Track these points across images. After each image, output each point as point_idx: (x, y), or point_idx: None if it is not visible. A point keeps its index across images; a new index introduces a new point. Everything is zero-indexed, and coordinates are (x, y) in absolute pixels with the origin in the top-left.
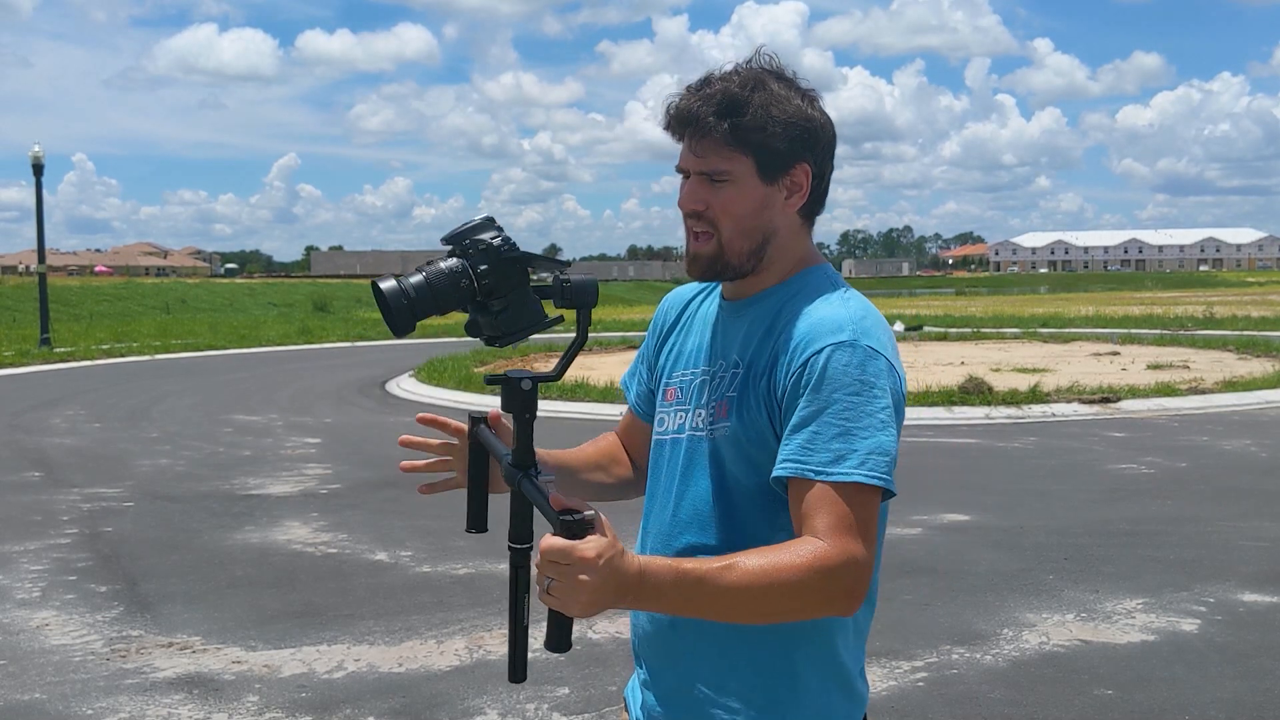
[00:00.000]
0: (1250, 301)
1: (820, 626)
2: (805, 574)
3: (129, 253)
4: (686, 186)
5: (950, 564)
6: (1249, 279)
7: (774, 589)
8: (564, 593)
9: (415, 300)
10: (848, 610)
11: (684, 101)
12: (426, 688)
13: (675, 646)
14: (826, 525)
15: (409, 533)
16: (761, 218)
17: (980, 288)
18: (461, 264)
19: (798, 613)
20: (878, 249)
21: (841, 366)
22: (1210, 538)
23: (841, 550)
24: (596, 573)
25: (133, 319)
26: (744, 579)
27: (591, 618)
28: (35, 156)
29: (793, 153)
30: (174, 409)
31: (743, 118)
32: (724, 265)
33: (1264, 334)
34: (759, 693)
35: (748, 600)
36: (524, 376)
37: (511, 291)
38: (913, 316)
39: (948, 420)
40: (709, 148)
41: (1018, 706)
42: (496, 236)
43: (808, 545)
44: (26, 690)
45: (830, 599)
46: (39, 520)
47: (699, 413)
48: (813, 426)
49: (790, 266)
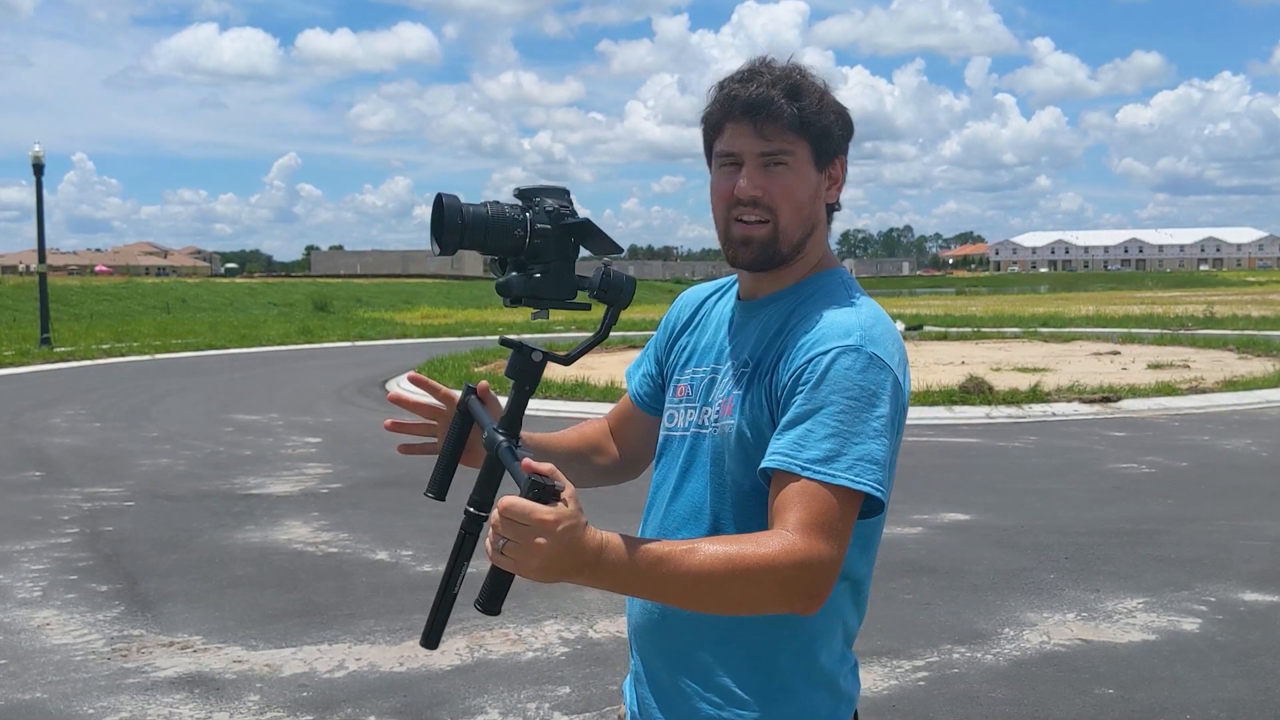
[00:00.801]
0: (1250, 301)
1: (804, 630)
2: (768, 567)
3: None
4: (746, 171)
5: (951, 563)
6: (1249, 278)
7: (734, 577)
8: (517, 554)
9: (468, 225)
10: (807, 609)
11: (746, 90)
12: (427, 687)
13: (666, 637)
14: (800, 521)
15: (410, 532)
16: (813, 206)
17: (980, 287)
18: (524, 215)
19: (756, 604)
20: (878, 248)
21: (844, 370)
22: (1211, 537)
23: (809, 548)
24: (553, 538)
25: (133, 319)
26: (705, 564)
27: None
28: (35, 156)
29: (839, 143)
30: (174, 408)
31: (806, 101)
32: (775, 250)
33: (1264, 333)
34: (744, 689)
35: (707, 586)
36: (538, 349)
37: (555, 260)
38: (913, 316)
39: (948, 420)
40: (777, 131)
41: (1019, 705)
42: (565, 205)
43: (776, 539)
44: (28, 689)
45: (790, 596)
46: (39, 520)
47: (706, 410)
48: (807, 424)
49: (809, 268)
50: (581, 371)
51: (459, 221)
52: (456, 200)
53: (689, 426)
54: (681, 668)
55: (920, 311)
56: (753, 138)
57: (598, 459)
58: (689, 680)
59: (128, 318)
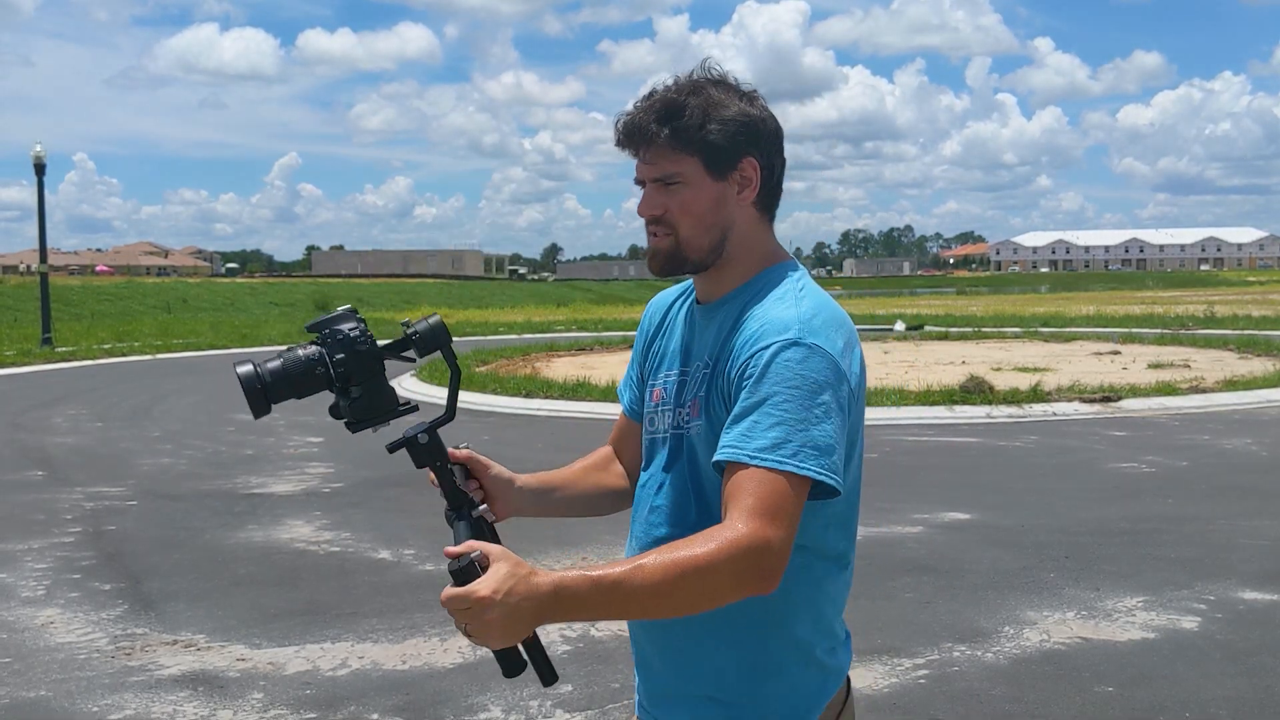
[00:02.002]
0: (1251, 301)
1: (788, 611)
2: (712, 561)
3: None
4: (645, 194)
5: (951, 562)
6: (1250, 278)
7: (684, 580)
8: (479, 632)
9: (270, 385)
10: (762, 588)
11: (628, 117)
12: (430, 685)
13: (657, 627)
14: (748, 508)
15: (411, 531)
16: (719, 214)
17: (981, 287)
18: (319, 352)
19: (717, 597)
20: (878, 248)
21: (783, 363)
22: (1211, 536)
23: (753, 532)
24: (499, 607)
25: (134, 318)
26: (655, 574)
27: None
28: (37, 156)
29: (736, 148)
30: (176, 408)
31: (681, 120)
32: (682, 259)
33: (1264, 333)
34: (734, 672)
35: (665, 594)
36: (419, 431)
37: (366, 380)
38: (914, 316)
39: (949, 419)
40: (657, 154)
41: (1019, 704)
42: (355, 328)
43: (715, 533)
44: (32, 687)
45: (740, 580)
46: (42, 519)
47: (680, 412)
48: (753, 416)
49: (754, 266)
50: (582, 372)
51: (258, 386)
52: (250, 368)
53: (668, 429)
54: (673, 656)
55: (921, 311)
56: (641, 164)
57: (606, 481)
58: (682, 667)
59: (129, 317)
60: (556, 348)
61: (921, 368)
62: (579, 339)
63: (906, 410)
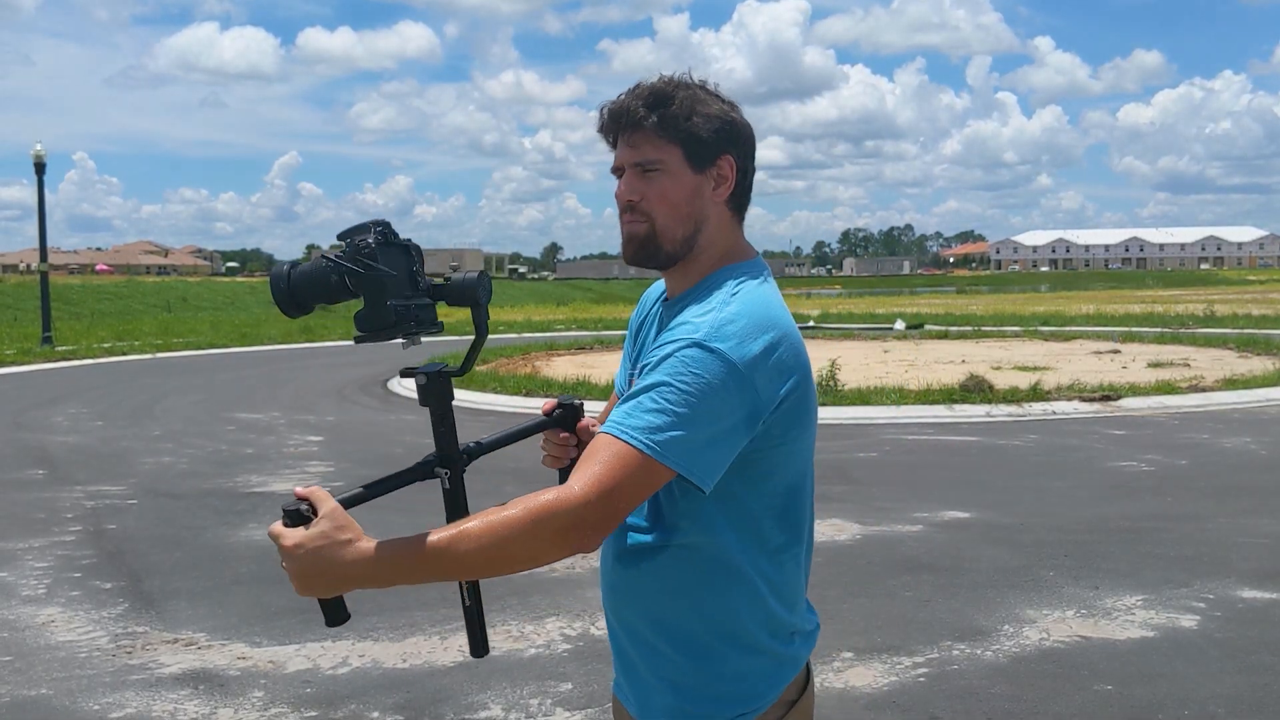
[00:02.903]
0: (1251, 300)
1: (718, 597)
2: (518, 524)
3: (130, 251)
4: (624, 179)
5: (951, 561)
6: (1250, 277)
7: (500, 542)
8: (288, 576)
9: (295, 287)
10: (564, 549)
11: (615, 102)
12: (430, 683)
13: (613, 599)
14: (590, 473)
15: (412, 530)
16: (693, 205)
17: (981, 286)
18: (336, 260)
19: (527, 556)
20: (879, 247)
21: (680, 359)
22: (1210, 535)
23: (570, 494)
24: (296, 560)
25: (134, 317)
26: (464, 535)
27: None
28: (37, 155)
29: (717, 144)
30: (176, 407)
31: (669, 108)
32: (655, 248)
33: (1264, 332)
34: (671, 649)
35: (484, 556)
36: (426, 371)
37: (371, 294)
38: (914, 315)
39: (949, 418)
40: (641, 139)
41: (1018, 702)
42: (366, 241)
43: (528, 499)
44: (33, 686)
45: (541, 540)
46: (43, 518)
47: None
48: (637, 398)
49: (712, 264)
50: (582, 371)
51: (283, 286)
52: (282, 270)
53: None
54: (625, 628)
55: (921, 310)
56: (624, 148)
57: None
58: (630, 639)
59: (129, 316)
60: (556, 347)
61: (921, 367)
62: (579, 338)
63: (906, 409)
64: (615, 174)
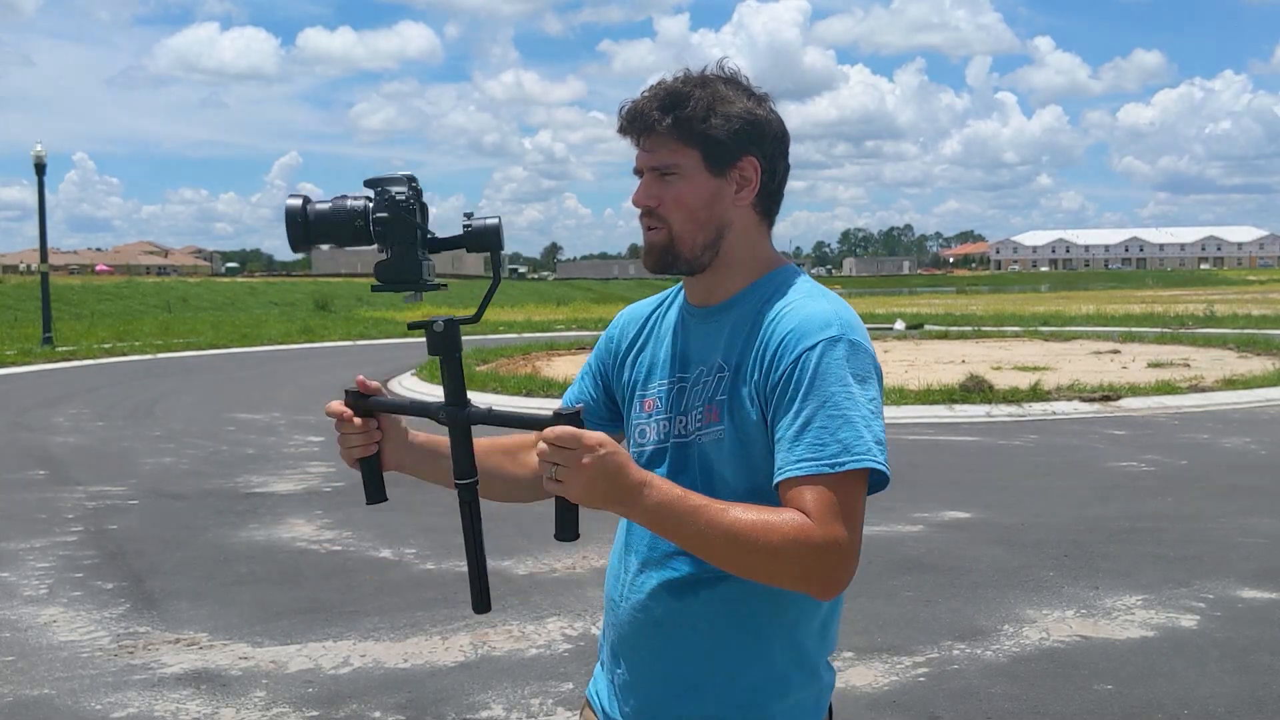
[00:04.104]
0: (1251, 300)
1: (790, 618)
2: (788, 542)
3: (130, 251)
4: (642, 184)
5: (951, 561)
6: (1250, 277)
7: (758, 544)
8: (566, 476)
9: (311, 224)
10: (824, 593)
11: (633, 103)
12: (432, 683)
13: (655, 647)
14: (816, 510)
15: (413, 530)
16: (713, 210)
17: (981, 286)
18: (364, 205)
19: (772, 575)
20: (879, 247)
21: (836, 361)
22: (1210, 534)
23: (826, 533)
24: (596, 457)
25: (134, 318)
26: (736, 524)
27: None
28: (37, 155)
29: (738, 145)
30: (177, 407)
31: (684, 110)
32: (675, 255)
33: (1264, 332)
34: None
35: (732, 545)
36: (437, 319)
37: (397, 245)
38: (913, 315)
39: (949, 418)
40: (657, 143)
41: (1018, 701)
42: (404, 193)
43: (798, 517)
44: (36, 686)
45: (806, 575)
46: (44, 518)
47: (681, 420)
48: (817, 423)
49: (759, 268)
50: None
51: (299, 219)
52: (298, 204)
53: (665, 438)
54: (670, 671)
55: (921, 310)
56: (641, 151)
57: (508, 467)
58: (679, 687)
59: (129, 317)
60: (556, 347)
61: (921, 367)
62: (579, 338)
63: (906, 409)
64: (637, 175)
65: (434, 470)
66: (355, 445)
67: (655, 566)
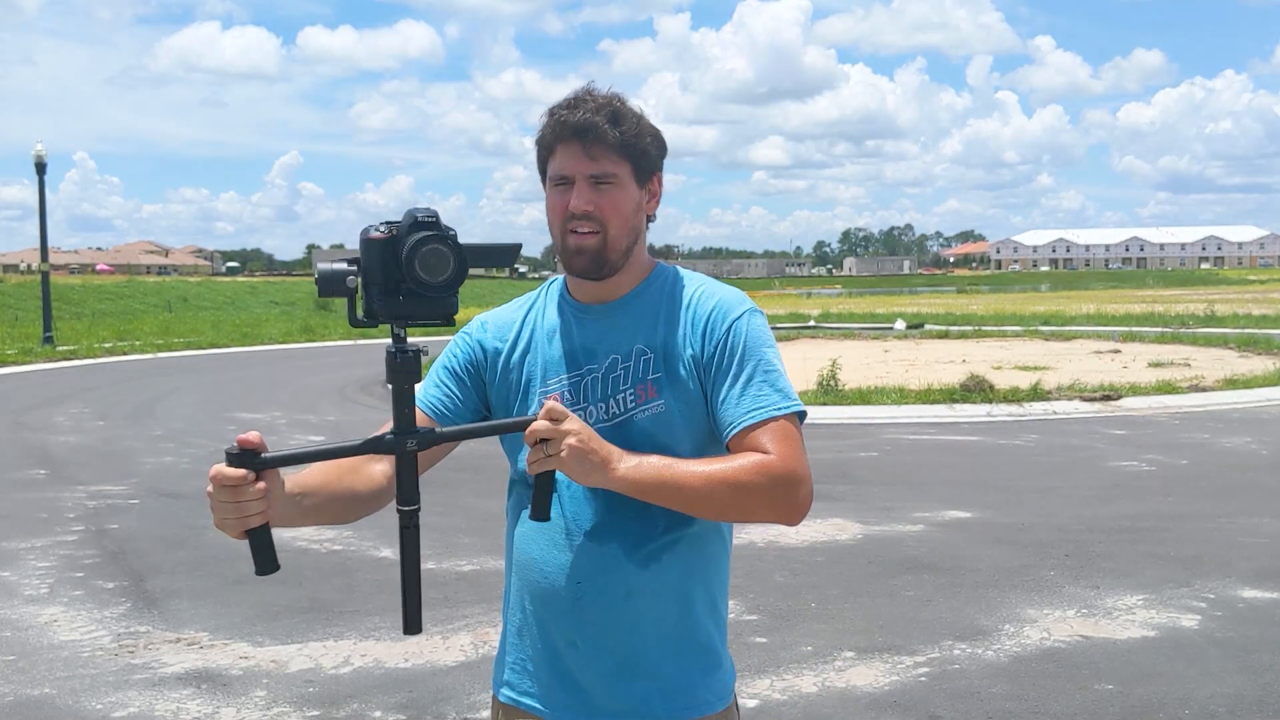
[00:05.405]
0: (1251, 299)
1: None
2: (755, 475)
3: (130, 251)
4: (577, 190)
5: (952, 560)
6: (1250, 277)
7: (730, 482)
8: (561, 454)
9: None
10: (791, 517)
11: (574, 116)
12: (432, 683)
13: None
14: (780, 449)
15: None
16: (636, 219)
17: (981, 286)
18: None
19: (744, 509)
20: (879, 247)
21: (759, 328)
22: (1210, 534)
23: (785, 465)
24: (583, 433)
25: (135, 317)
26: (708, 471)
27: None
28: (38, 155)
29: (656, 162)
30: (177, 407)
31: (624, 126)
32: (605, 258)
33: (1265, 332)
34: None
35: (707, 486)
36: (403, 349)
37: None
38: (914, 314)
39: (949, 418)
40: (602, 152)
41: (1019, 701)
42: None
43: (759, 455)
44: (36, 685)
45: (774, 503)
46: (45, 517)
47: (602, 405)
48: (758, 379)
49: (647, 266)
50: None
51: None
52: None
53: (595, 423)
54: (640, 633)
55: (921, 310)
56: (582, 159)
57: (357, 485)
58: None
59: (129, 316)
60: None
61: (922, 366)
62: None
63: (907, 409)
64: (557, 182)
65: (303, 514)
66: (254, 513)
67: (622, 545)
